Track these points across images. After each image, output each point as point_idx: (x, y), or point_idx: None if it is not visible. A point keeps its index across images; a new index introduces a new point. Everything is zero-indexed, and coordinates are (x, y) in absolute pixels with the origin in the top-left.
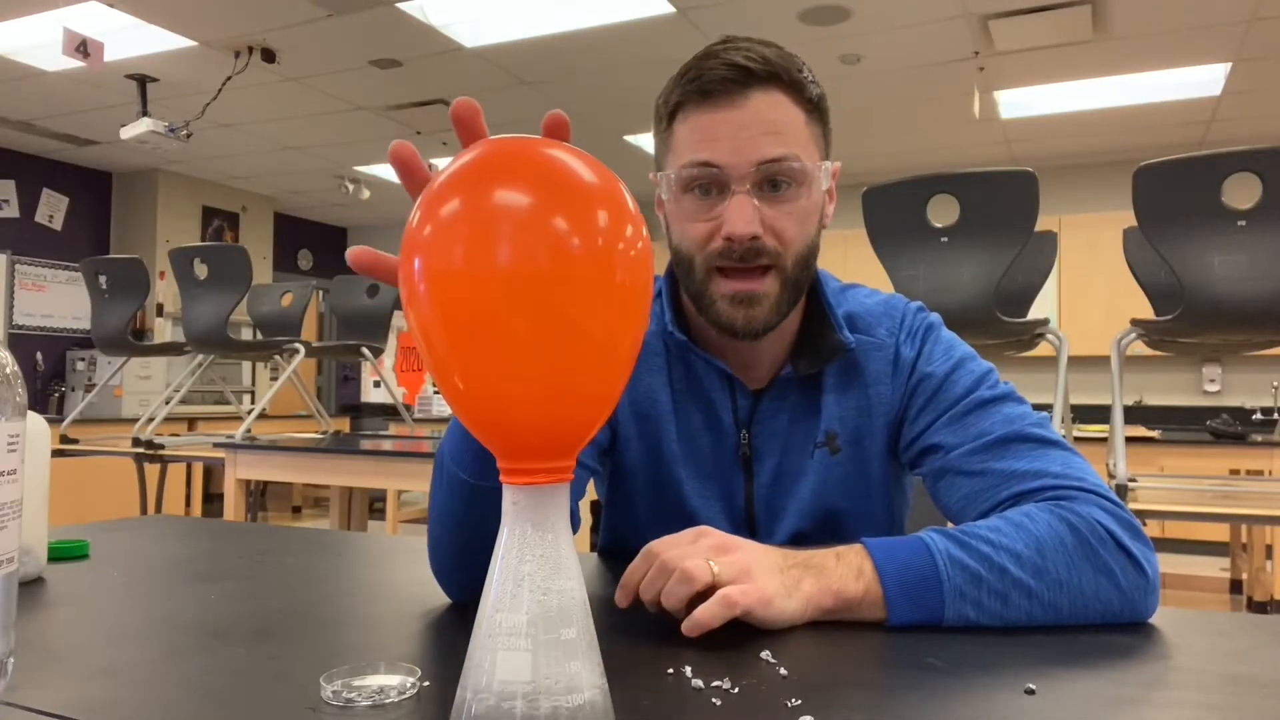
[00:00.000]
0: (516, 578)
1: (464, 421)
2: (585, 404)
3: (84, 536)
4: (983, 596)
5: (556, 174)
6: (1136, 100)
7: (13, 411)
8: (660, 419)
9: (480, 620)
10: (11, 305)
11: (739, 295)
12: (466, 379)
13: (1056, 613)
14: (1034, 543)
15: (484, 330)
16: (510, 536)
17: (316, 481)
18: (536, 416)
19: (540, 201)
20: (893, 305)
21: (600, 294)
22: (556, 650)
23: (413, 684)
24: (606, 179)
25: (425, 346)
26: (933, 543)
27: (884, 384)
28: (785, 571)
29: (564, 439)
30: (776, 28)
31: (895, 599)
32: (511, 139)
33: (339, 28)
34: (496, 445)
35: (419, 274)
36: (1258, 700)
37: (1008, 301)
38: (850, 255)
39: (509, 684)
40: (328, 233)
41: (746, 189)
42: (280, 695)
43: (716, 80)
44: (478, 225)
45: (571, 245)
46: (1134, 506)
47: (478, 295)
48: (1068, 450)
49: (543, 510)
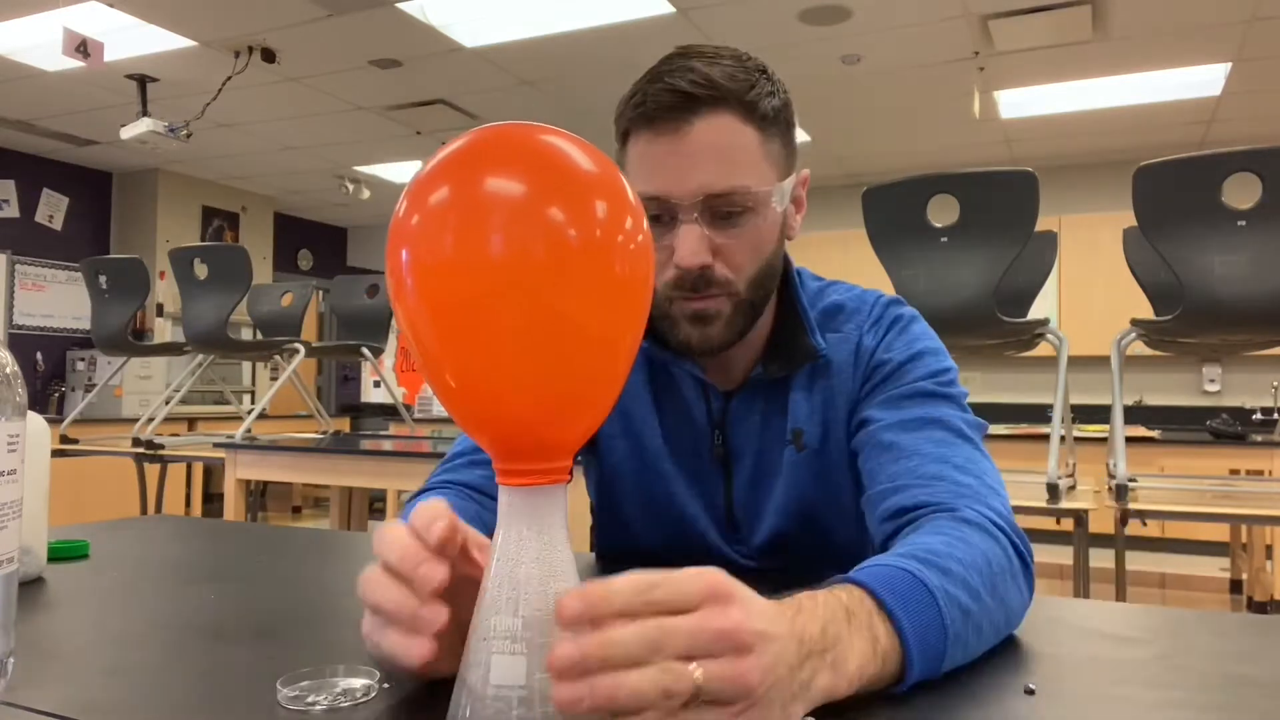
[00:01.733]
0: (512, 581)
1: (457, 419)
2: (583, 403)
3: (84, 536)
4: (969, 634)
5: (553, 161)
6: (1136, 100)
7: (13, 411)
8: (642, 416)
9: (475, 623)
10: (11, 305)
11: (696, 313)
12: (458, 376)
13: (995, 636)
14: (988, 573)
15: (475, 325)
16: (505, 539)
17: (316, 481)
18: (532, 416)
19: (535, 190)
20: (864, 299)
21: (598, 288)
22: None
23: (372, 687)
24: (605, 167)
25: (415, 343)
26: (940, 595)
27: (846, 374)
28: (798, 671)
29: (561, 439)
30: (776, 28)
31: (915, 663)
32: (505, 125)
33: (339, 28)
34: (490, 445)
35: (406, 266)
36: (1258, 700)
37: (1008, 301)
38: (850, 255)
39: (503, 688)
40: (328, 233)
41: (694, 218)
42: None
43: (660, 106)
44: (468, 214)
45: (568, 236)
46: (1134, 506)
47: (468, 288)
48: (981, 453)
49: (539, 512)
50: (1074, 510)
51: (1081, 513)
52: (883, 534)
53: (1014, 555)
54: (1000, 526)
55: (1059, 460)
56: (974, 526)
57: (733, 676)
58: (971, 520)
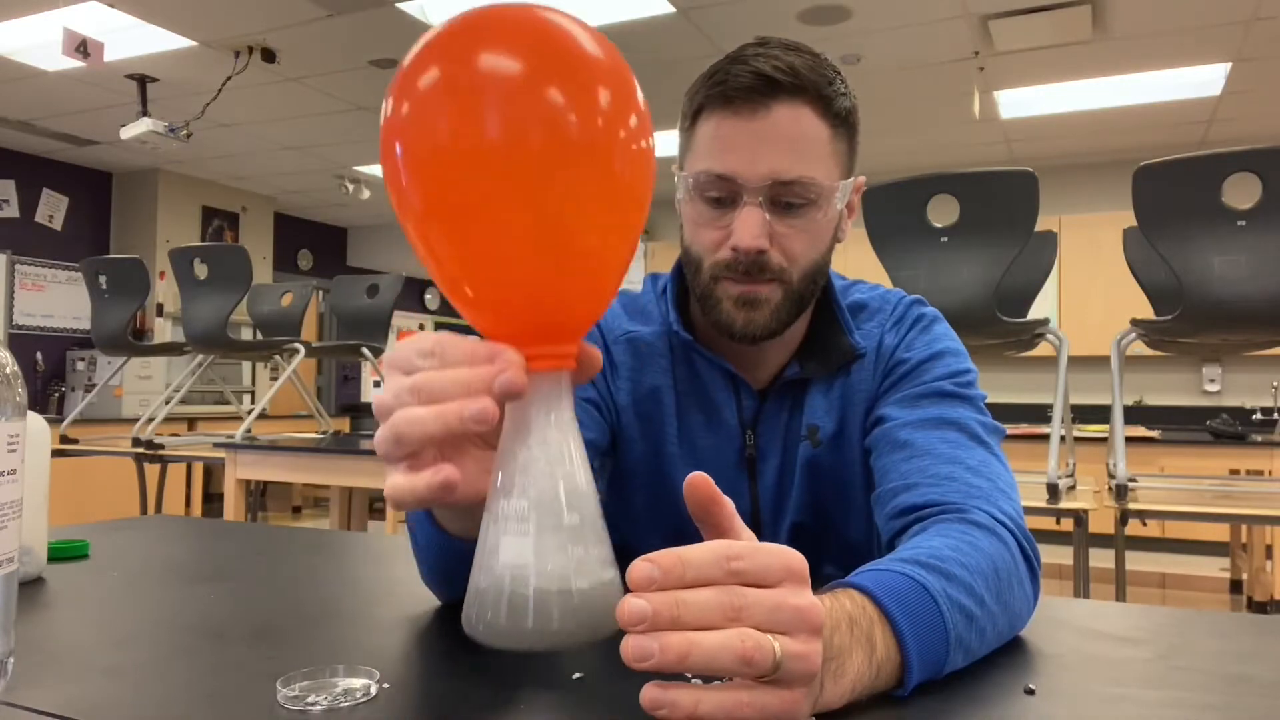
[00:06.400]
0: (518, 462)
1: (459, 306)
2: (582, 294)
3: (84, 536)
4: (971, 639)
5: (553, 40)
6: (1136, 100)
7: (13, 411)
8: (663, 420)
9: (487, 507)
10: (11, 305)
11: (743, 297)
12: (459, 264)
13: (999, 639)
14: (994, 576)
15: (471, 213)
16: (511, 424)
17: (316, 481)
18: (530, 304)
19: (533, 69)
20: (887, 299)
21: (596, 188)
22: (560, 535)
23: (372, 686)
24: (612, 55)
25: (418, 237)
26: (943, 601)
27: (866, 372)
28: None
29: (563, 324)
30: (776, 28)
31: (914, 671)
32: (501, 4)
33: (339, 28)
34: (492, 331)
35: (401, 160)
36: (1258, 700)
37: (1008, 301)
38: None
39: (511, 567)
40: (328, 233)
41: (759, 202)
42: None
43: (740, 88)
44: (461, 96)
45: (568, 122)
46: (1134, 506)
47: (464, 174)
48: (996, 456)
49: (543, 397)
50: (1074, 510)
51: (1081, 513)
52: (890, 531)
53: (1021, 559)
54: (1009, 529)
55: (1059, 460)
56: (982, 529)
57: (806, 655)
58: (980, 523)
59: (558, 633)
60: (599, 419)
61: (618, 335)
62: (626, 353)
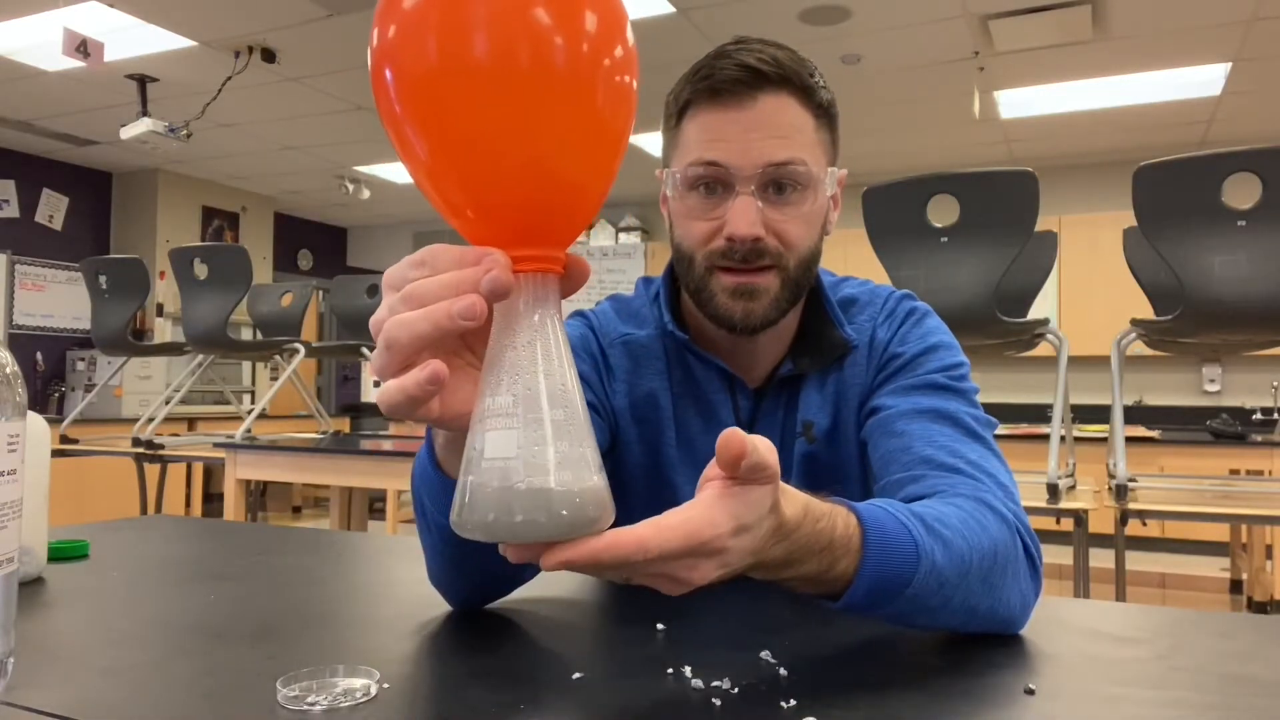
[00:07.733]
0: (504, 362)
1: (443, 210)
2: (568, 205)
3: (84, 536)
4: (935, 602)
5: None
6: (1136, 100)
7: (13, 411)
8: (661, 424)
9: (475, 408)
10: (11, 305)
11: (740, 288)
12: (446, 169)
13: (976, 620)
14: (990, 546)
15: (458, 126)
16: (499, 327)
17: (316, 481)
18: (518, 208)
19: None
20: (877, 294)
21: (576, 115)
22: (544, 429)
23: (372, 686)
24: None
25: (398, 142)
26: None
27: (859, 366)
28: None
29: (546, 227)
30: (776, 28)
31: (855, 601)
32: None
33: (339, 28)
34: (479, 236)
35: (391, 85)
36: (1258, 700)
37: (1008, 301)
38: (850, 255)
39: (495, 460)
40: (328, 233)
41: (751, 190)
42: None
43: (727, 80)
44: (449, 12)
45: (554, 44)
46: (1134, 506)
47: (453, 92)
48: (991, 450)
49: (530, 298)
50: (1074, 510)
51: (1081, 513)
52: None
53: (1023, 553)
54: (1014, 525)
55: (1059, 460)
56: (995, 513)
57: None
58: (993, 506)
59: (544, 525)
60: (598, 422)
61: (613, 339)
62: (622, 356)
